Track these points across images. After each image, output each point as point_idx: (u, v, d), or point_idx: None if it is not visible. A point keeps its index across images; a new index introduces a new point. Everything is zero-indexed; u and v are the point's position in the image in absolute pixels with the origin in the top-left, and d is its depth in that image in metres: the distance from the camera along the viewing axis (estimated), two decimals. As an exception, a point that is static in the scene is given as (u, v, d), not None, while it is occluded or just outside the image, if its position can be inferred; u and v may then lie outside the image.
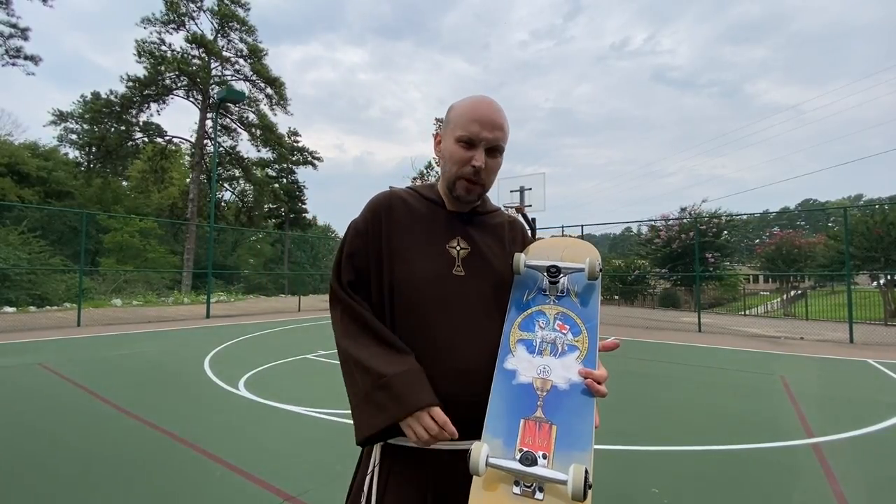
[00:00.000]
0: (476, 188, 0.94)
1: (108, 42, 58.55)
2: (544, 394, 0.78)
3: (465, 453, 0.81)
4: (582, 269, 0.90)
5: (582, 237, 13.80)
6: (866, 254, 15.74)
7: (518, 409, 0.77)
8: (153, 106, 24.06)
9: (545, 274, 0.91)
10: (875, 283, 18.60)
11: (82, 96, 25.44)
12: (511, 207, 11.87)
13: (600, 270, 0.89)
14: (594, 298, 0.89)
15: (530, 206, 11.77)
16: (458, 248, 0.95)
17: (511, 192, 12.24)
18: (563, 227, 13.97)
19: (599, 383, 0.79)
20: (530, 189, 12.02)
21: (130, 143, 24.93)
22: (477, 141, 0.90)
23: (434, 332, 0.87)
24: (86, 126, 24.51)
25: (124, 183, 30.02)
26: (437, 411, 0.81)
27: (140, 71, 22.81)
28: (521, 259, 0.92)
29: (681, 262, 19.60)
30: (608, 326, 11.64)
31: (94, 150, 24.40)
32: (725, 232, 21.08)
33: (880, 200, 35.55)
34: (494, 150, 0.93)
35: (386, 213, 0.96)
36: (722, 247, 20.72)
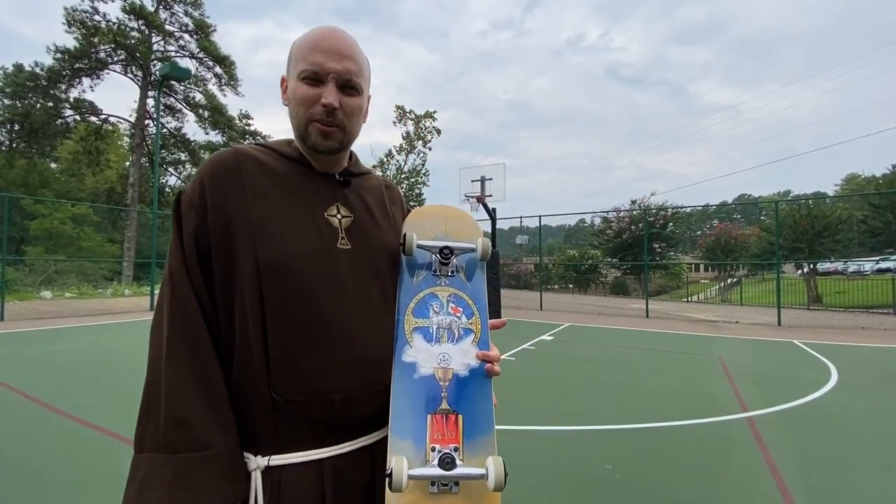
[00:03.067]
0: (335, 132, 0.75)
1: (33, 9, 52.91)
2: (446, 384, 0.74)
3: (365, 451, 0.76)
4: (474, 250, 0.84)
5: (540, 228, 14.16)
6: (793, 244, 17.18)
7: (423, 405, 0.72)
8: (85, 81, 22.10)
9: (437, 254, 0.84)
10: (799, 272, 20.38)
11: (3, 68, 22.87)
12: (472, 197, 11.92)
13: (491, 251, 0.86)
14: (481, 275, 0.85)
15: (490, 196, 11.87)
16: (338, 216, 0.79)
17: (472, 181, 12.29)
18: (521, 217, 14.26)
19: (494, 363, 0.77)
20: (490, 179, 12.12)
21: (59, 120, 22.81)
22: (323, 74, 0.73)
23: (325, 320, 0.71)
24: (7, 101, 22.15)
25: (53, 165, 27.47)
26: None
27: (70, 42, 20.84)
28: (413, 239, 0.80)
29: (630, 251, 20.58)
30: (564, 313, 12.05)
31: (16, 127, 22.15)
32: (671, 224, 22.31)
33: (805, 196, 38.85)
34: (349, 88, 0.75)
35: (232, 176, 0.74)
36: (668, 238, 21.96)
